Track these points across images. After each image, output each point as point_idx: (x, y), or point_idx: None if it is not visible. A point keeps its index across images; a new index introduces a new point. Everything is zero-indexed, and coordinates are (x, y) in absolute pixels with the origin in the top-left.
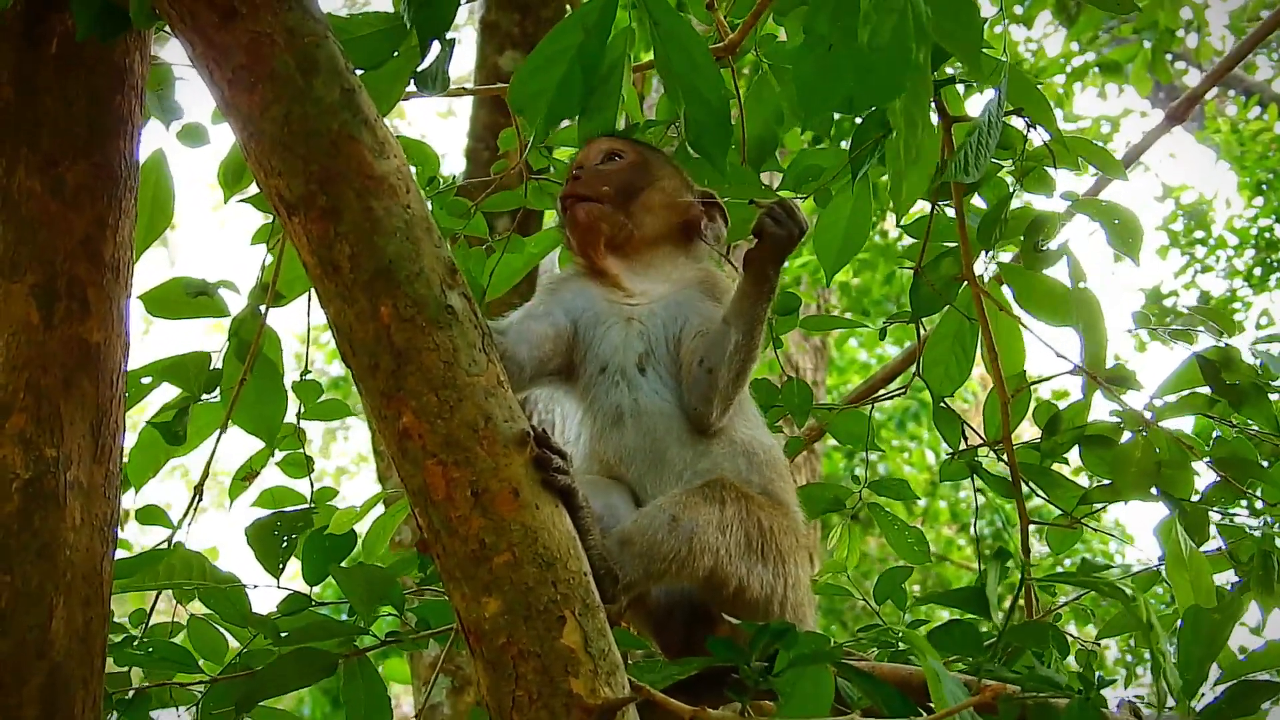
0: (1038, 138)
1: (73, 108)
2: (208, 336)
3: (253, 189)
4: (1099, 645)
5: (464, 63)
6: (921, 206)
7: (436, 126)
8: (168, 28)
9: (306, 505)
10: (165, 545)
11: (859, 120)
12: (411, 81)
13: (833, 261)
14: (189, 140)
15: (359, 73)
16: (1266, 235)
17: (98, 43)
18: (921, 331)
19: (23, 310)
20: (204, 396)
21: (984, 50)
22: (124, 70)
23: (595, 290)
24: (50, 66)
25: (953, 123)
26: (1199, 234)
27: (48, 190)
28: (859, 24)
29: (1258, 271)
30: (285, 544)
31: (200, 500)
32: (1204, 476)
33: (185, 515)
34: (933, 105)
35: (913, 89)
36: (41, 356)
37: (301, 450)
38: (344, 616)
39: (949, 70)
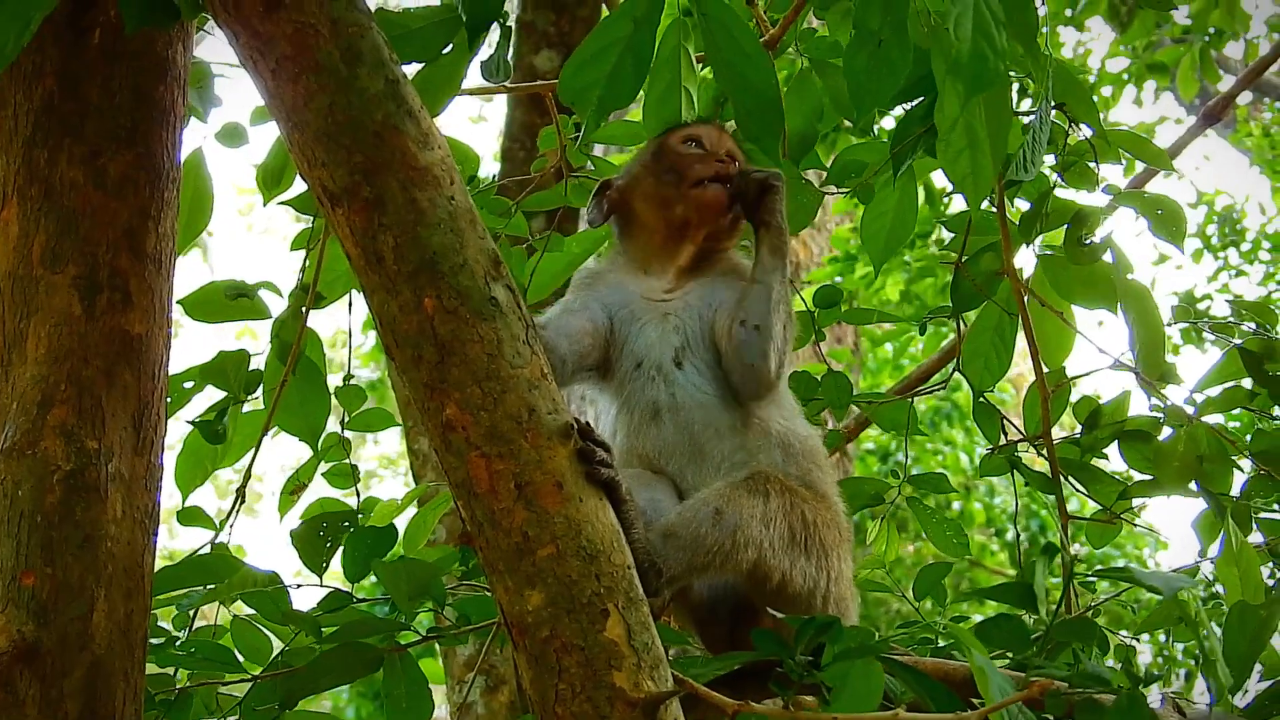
0: (1079, 133)
1: (116, 99)
2: (238, 340)
3: (291, 191)
4: (1137, 641)
5: None
6: (959, 201)
7: (468, 131)
8: (211, 22)
9: (354, 510)
10: (206, 549)
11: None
12: (471, 72)
13: (880, 251)
14: (228, 141)
15: (417, 67)
16: None
17: (141, 34)
18: (961, 328)
19: (65, 302)
20: (245, 398)
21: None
22: (167, 62)
23: (631, 286)
24: (93, 58)
25: None
26: (1231, 238)
27: (90, 181)
28: (946, 19)
29: None
30: (329, 544)
31: (243, 502)
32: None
33: (228, 517)
34: None
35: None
36: (83, 348)
37: (347, 460)
38: (383, 613)
39: None
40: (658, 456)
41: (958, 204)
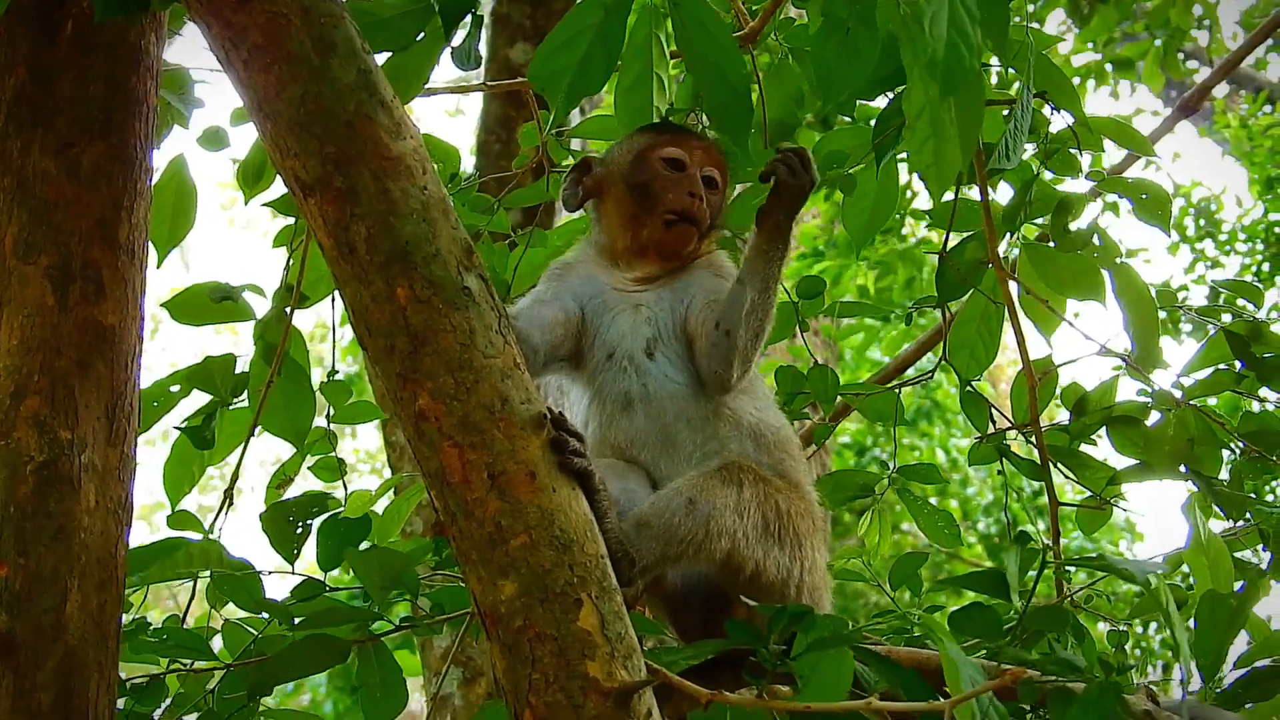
0: (1061, 121)
1: (88, 90)
2: (218, 337)
3: (272, 192)
4: (1128, 625)
5: None
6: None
7: (445, 125)
8: (186, 16)
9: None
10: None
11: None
12: (443, 61)
13: (862, 231)
14: (209, 145)
15: (388, 55)
16: (1277, 230)
17: (114, 25)
18: (946, 317)
19: (38, 292)
20: (232, 402)
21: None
22: (140, 52)
23: (602, 277)
24: (66, 49)
25: None
26: (1207, 229)
27: (63, 172)
28: (921, 15)
29: (1266, 267)
30: (300, 529)
31: (230, 505)
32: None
33: (216, 518)
34: None
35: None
36: (56, 339)
37: (334, 454)
38: (358, 603)
39: None
40: (630, 446)
41: (924, 199)
